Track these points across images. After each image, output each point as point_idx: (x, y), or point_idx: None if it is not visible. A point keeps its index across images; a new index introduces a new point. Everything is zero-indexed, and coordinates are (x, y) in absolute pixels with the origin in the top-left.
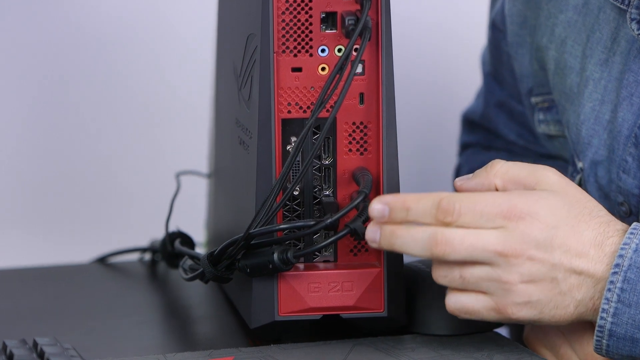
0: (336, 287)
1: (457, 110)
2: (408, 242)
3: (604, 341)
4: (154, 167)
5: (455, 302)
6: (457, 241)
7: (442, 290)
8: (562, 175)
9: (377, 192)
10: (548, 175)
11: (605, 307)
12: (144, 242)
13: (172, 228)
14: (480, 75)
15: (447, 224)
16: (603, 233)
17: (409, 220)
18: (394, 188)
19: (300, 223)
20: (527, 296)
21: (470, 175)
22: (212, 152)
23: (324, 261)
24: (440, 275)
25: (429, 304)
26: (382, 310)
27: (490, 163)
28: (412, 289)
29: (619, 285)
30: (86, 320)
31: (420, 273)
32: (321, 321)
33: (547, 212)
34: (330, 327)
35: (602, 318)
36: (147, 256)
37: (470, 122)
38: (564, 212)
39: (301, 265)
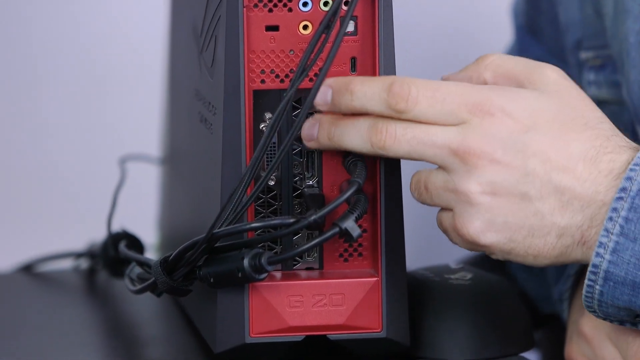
0: (322, 301)
1: None
2: (348, 132)
3: (597, 287)
4: (92, 150)
5: (438, 220)
6: (400, 132)
7: (455, 305)
8: (567, 77)
9: (374, 182)
10: (547, 72)
11: (604, 240)
12: (80, 246)
13: (116, 227)
14: (509, 30)
15: (399, 112)
16: (599, 147)
17: (355, 107)
18: (394, 178)
19: (276, 221)
20: (489, 213)
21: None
22: (166, 132)
23: (307, 268)
24: (411, 187)
25: (438, 322)
26: (379, 330)
27: (483, 55)
28: (417, 303)
29: (623, 214)
30: (8, 342)
31: (427, 283)
32: (303, 343)
33: (526, 111)
34: (314, 350)
35: (598, 255)
36: (84, 263)
37: None
38: (550, 115)
39: (278, 274)
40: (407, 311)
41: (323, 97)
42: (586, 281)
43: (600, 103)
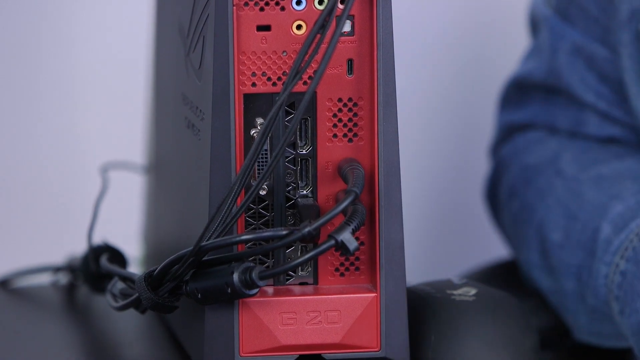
0: (317, 318)
1: (482, 81)
2: None
3: None
4: (72, 158)
5: None
6: None
7: (457, 323)
8: None
9: (371, 192)
10: None
11: None
12: (59, 259)
13: (97, 240)
14: (518, 28)
15: None
16: None
17: None
18: (394, 187)
19: (268, 233)
20: None
21: None
22: (150, 138)
23: (301, 284)
24: None
25: (440, 341)
26: (377, 349)
27: None
28: (417, 320)
29: None
30: None
31: (428, 299)
32: None
33: None
34: None
35: None
36: (64, 277)
37: (522, 88)
38: None
39: (270, 290)
40: (407, 329)
41: None
42: None
43: None
